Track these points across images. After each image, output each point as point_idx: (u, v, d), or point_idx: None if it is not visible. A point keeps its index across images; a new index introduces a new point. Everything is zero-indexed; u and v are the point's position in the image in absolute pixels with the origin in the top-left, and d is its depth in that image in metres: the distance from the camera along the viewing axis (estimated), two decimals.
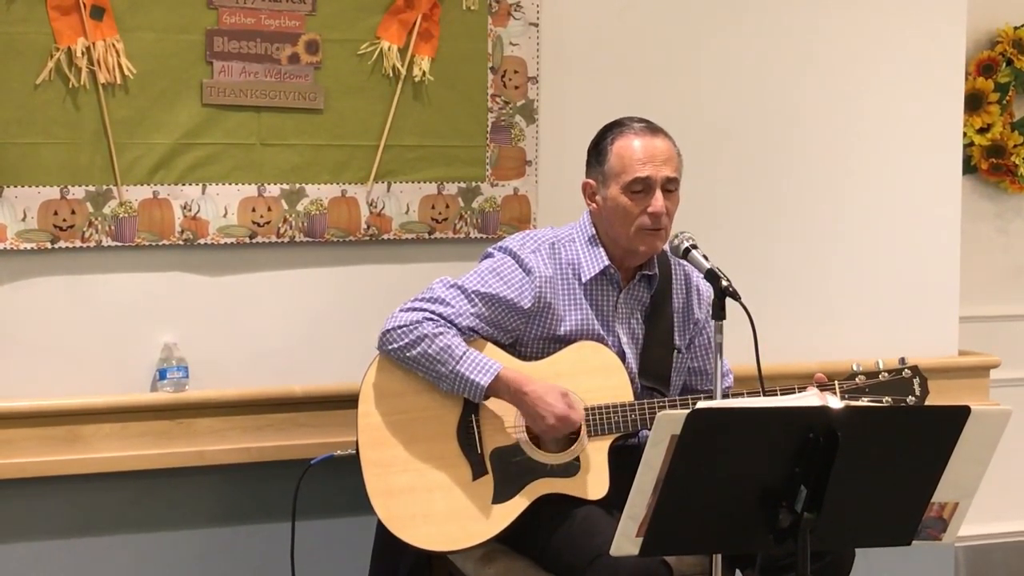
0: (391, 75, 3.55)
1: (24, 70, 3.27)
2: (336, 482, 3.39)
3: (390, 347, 3.08)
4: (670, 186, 3.10)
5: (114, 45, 3.32)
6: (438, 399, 3.09)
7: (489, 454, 3.08)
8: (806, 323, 4.00)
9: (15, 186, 3.30)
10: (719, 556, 2.72)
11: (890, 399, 3.11)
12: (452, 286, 3.11)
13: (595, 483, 3.05)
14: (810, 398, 2.76)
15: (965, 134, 4.32)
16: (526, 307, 3.10)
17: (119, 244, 3.40)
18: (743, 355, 2.90)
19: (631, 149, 3.10)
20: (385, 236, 3.60)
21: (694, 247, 2.96)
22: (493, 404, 3.08)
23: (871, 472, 2.43)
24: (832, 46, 3.99)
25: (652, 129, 3.13)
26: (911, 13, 4.05)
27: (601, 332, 3.15)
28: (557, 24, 3.70)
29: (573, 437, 3.08)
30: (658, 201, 3.07)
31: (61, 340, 3.39)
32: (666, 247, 3.12)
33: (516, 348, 3.16)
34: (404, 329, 3.06)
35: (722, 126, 3.89)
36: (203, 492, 3.55)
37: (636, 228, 3.09)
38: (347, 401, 3.22)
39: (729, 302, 2.80)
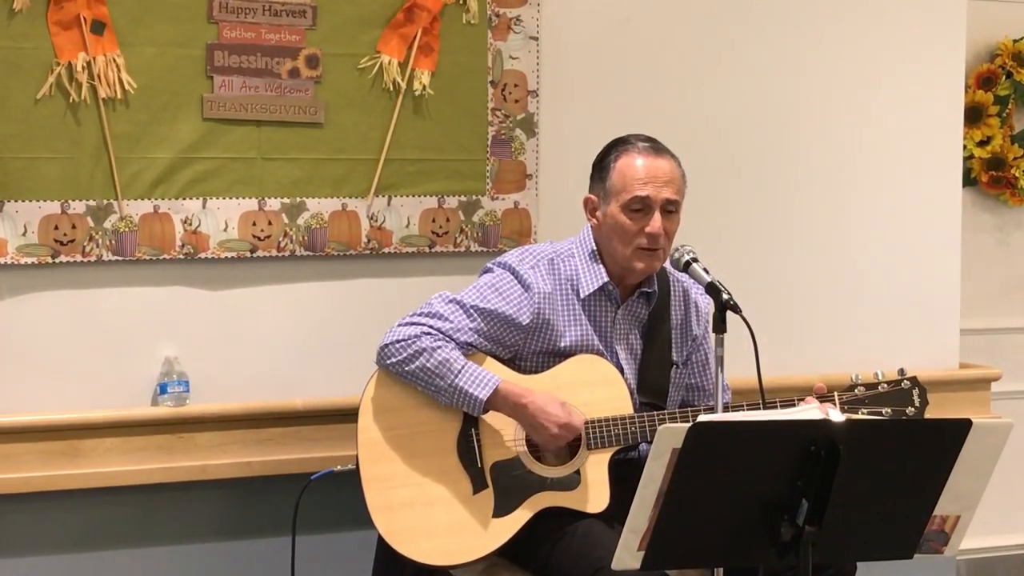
0: (391, 89, 3.55)
1: (25, 85, 3.28)
2: (337, 497, 3.38)
3: (388, 361, 3.08)
4: (670, 207, 3.09)
5: (115, 60, 3.33)
6: (438, 413, 3.09)
7: (489, 468, 3.08)
8: (806, 336, 4.00)
9: (16, 200, 3.30)
10: (721, 570, 2.71)
11: (889, 410, 3.11)
12: (451, 301, 3.11)
13: (595, 496, 3.04)
14: (811, 411, 2.76)
15: (965, 147, 4.33)
16: (524, 323, 3.10)
17: (120, 258, 3.40)
18: (743, 368, 2.90)
19: (633, 168, 3.10)
20: (385, 250, 3.61)
21: (695, 260, 2.96)
22: (492, 418, 3.08)
23: (873, 485, 2.42)
24: (833, 58, 3.99)
25: (657, 149, 3.13)
26: (911, 26, 4.06)
27: (600, 348, 3.15)
28: (557, 38, 3.70)
29: (573, 450, 3.07)
30: (656, 222, 3.07)
31: (62, 354, 3.39)
32: (665, 263, 3.12)
33: (515, 363, 3.15)
34: (402, 343, 3.06)
35: (722, 139, 3.89)
36: (204, 506, 3.55)
37: (633, 248, 3.09)
38: (348, 415, 3.22)
39: (730, 315, 2.80)
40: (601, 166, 3.16)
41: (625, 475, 2.94)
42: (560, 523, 3.02)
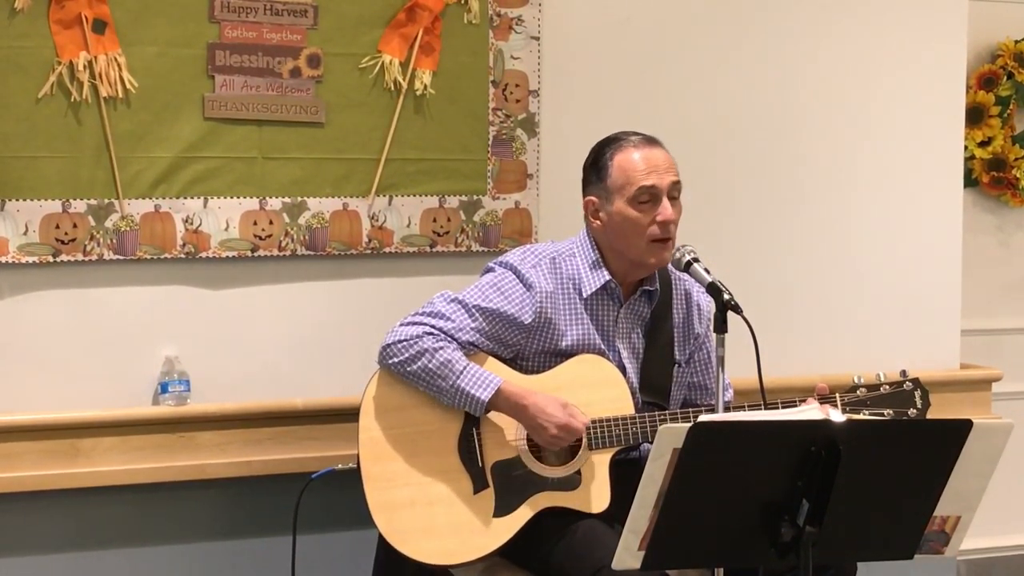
0: (392, 89, 3.55)
1: (26, 84, 3.28)
2: (337, 496, 3.38)
3: (390, 361, 3.08)
4: (675, 192, 3.11)
5: (116, 59, 3.33)
6: (439, 413, 3.09)
7: (490, 467, 3.08)
8: (807, 336, 4.00)
9: (17, 199, 3.30)
10: (721, 570, 2.71)
11: (891, 411, 3.10)
12: (453, 300, 3.11)
13: (596, 496, 3.04)
14: (812, 411, 2.76)
15: (966, 147, 4.33)
16: (527, 322, 3.10)
17: (121, 258, 3.40)
18: (744, 368, 2.90)
19: (632, 161, 3.10)
20: (386, 249, 3.61)
21: (696, 260, 2.96)
22: (494, 417, 3.08)
23: (873, 486, 2.42)
24: (834, 59, 3.99)
25: (649, 140, 3.14)
26: (912, 27, 4.06)
27: (602, 347, 3.15)
28: (558, 38, 3.70)
29: (574, 450, 3.07)
30: (667, 209, 3.07)
31: (62, 353, 3.39)
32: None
33: (517, 362, 3.15)
34: (405, 343, 3.06)
35: (722, 139, 3.89)
36: (204, 506, 3.55)
37: (647, 240, 3.09)
38: (348, 414, 3.22)
39: (731, 315, 2.80)
40: (597, 167, 3.15)
41: (626, 475, 2.93)
42: (561, 523, 3.02)
